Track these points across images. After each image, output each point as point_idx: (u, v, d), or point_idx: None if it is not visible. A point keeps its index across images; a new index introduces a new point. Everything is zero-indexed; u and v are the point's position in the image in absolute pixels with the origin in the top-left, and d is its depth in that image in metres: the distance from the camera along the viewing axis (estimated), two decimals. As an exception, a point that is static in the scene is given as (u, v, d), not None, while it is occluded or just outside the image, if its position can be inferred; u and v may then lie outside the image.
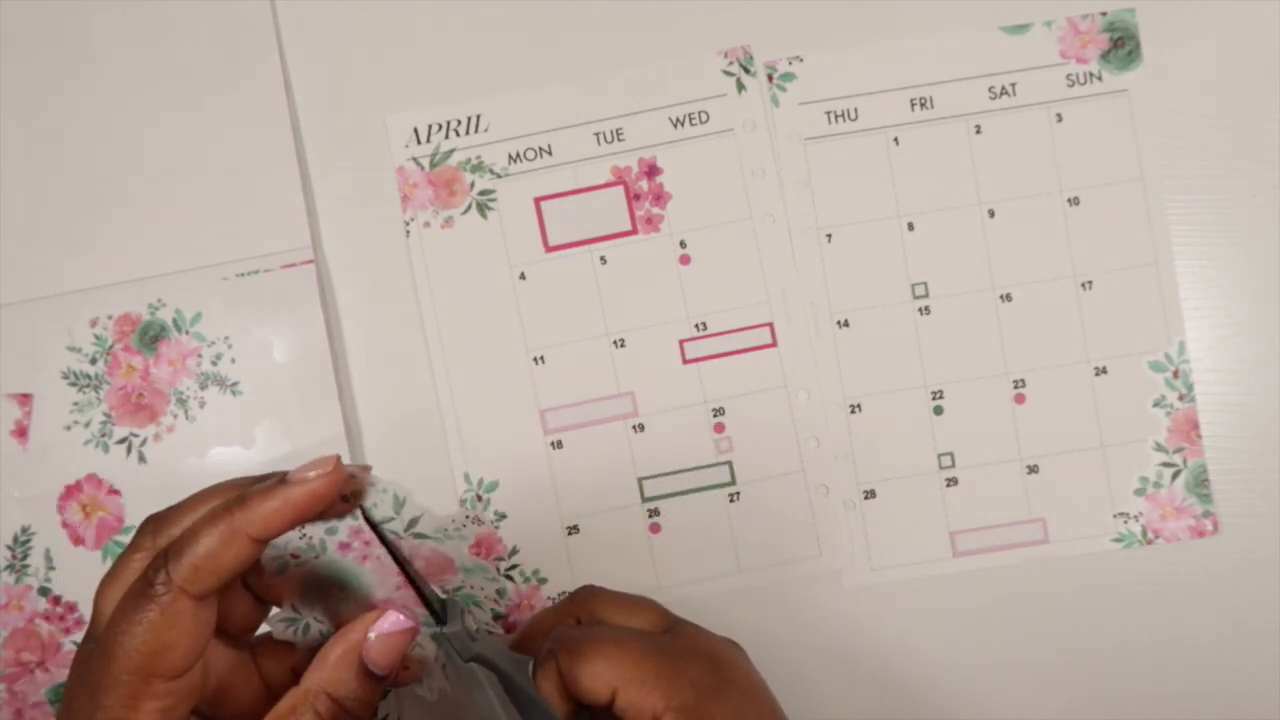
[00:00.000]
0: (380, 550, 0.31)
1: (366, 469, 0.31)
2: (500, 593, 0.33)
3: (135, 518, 0.44)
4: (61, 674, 0.44)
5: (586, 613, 0.36)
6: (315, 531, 0.30)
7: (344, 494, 0.30)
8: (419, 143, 0.45)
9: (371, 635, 0.30)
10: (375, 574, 0.32)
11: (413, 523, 0.31)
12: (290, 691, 0.30)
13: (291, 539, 0.30)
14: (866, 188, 0.45)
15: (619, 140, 0.45)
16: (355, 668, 0.30)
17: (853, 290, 0.45)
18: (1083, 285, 0.45)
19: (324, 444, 0.44)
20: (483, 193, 0.45)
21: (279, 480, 0.29)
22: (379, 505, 0.30)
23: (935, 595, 0.45)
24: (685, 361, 0.45)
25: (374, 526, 0.30)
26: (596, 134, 0.45)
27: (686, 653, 0.33)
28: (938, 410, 0.45)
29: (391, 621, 0.30)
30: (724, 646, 0.35)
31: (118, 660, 0.28)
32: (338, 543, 0.31)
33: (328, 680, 0.30)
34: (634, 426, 0.45)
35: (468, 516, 0.32)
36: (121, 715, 0.28)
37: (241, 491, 0.29)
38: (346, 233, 0.45)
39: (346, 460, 0.44)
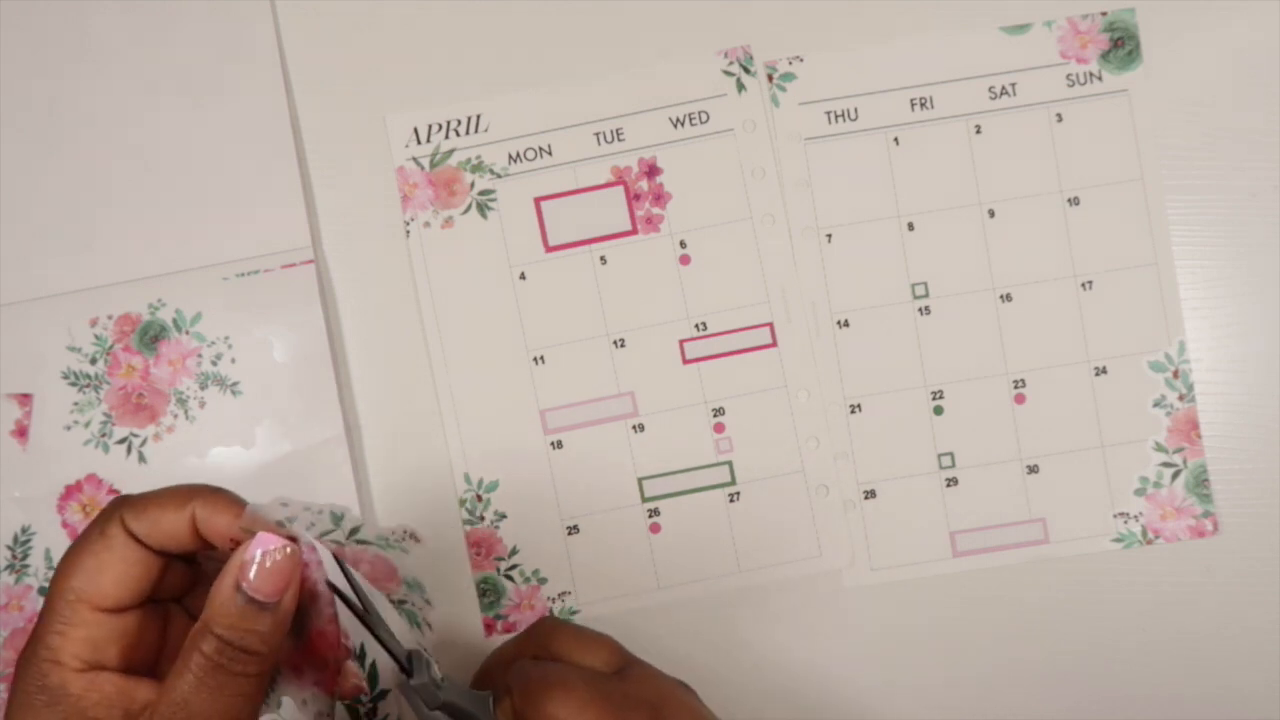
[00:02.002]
0: (344, 610, 0.31)
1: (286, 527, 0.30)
2: (429, 623, 0.33)
3: (135, 518, 0.44)
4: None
5: (542, 648, 0.36)
6: None
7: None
8: (419, 143, 0.45)
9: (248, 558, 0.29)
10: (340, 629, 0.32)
11: (354, 531, 0.31)
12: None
13: None
14: (866, 188, 0.45)
15: (619, 140, 0.45)
16: (234, 597, 0.29)
17: (853, 290, 0.45)
18: (1083, 285, 0.45)
19: (324, 444, 0.44)
20: (483, 193, 0.45)
21: (243, 502, 0.30)
22: (316, 524, 0.30)
23: (935, 595, 0.45)
24: (685, 361, 0.45)
25: (337, 591, 0.30)
26: (596, 134, 0.45)
27: (632, 700, 0.34)
28: (938, 410, 0.45)
29: (261, 542, 0.29)
30: (673, 691, 0.36)
31: (61, 580, 0.30)
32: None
33: (212, 615, 0.29)
34: (634, 426, 0.45)
35: (406, 531, 0.32)
36: (57, 631, 0.29)
37: (220, 491, 0.31)
38: (346, 233, 0.45)
39: (347, 461, 0.44)
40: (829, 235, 0.45)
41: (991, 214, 0.45)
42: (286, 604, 0.29)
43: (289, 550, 0.29)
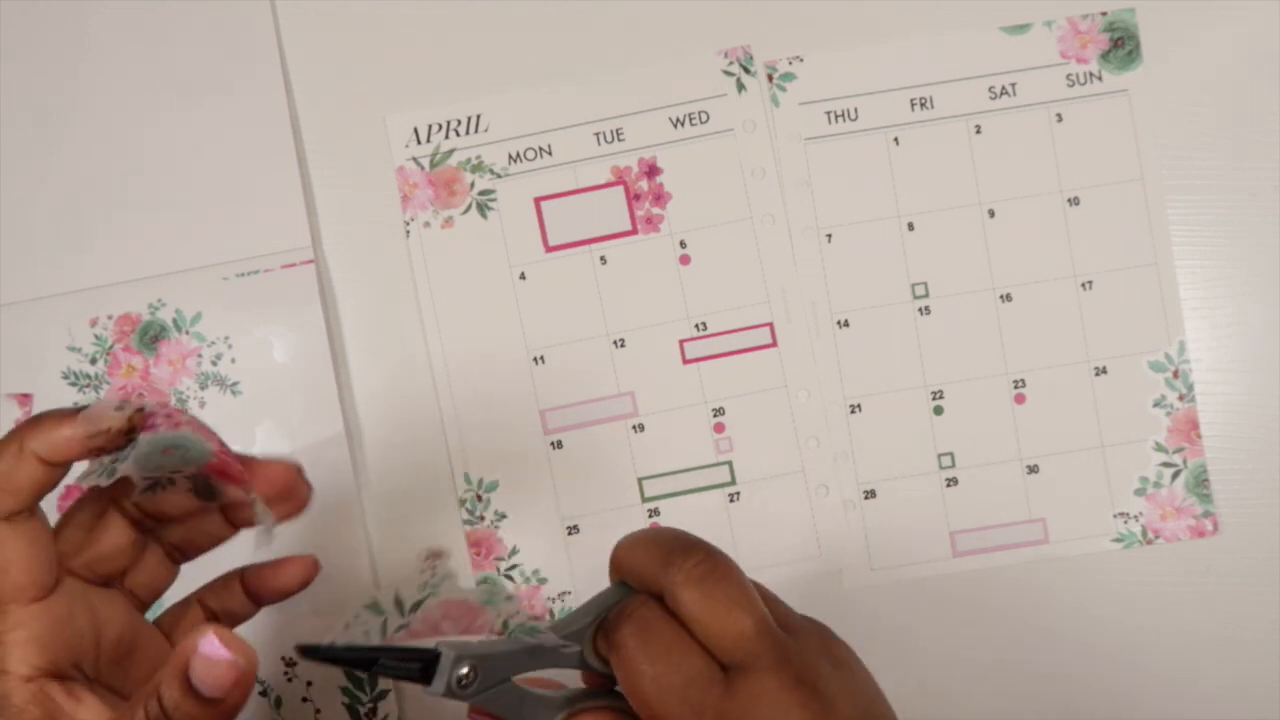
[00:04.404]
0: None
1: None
2: (534, 617, 0.31)
3: (135, 518, 0.44)
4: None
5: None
6: (169, 461, 0.30)
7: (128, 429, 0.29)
8: (419, 143, 0.45)
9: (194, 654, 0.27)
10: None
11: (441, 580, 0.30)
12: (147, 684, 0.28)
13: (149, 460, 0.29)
14: (866, 188, 0.45)
15: (619, 140, 0.45)
16: (180, 682, 0.27)
17: (853, 290, 0.45)
18: (1083, 285, 0.45)
19: (324, 444, 0.44)
20: (483, 193, 0.45)
21: (76, 409, 0.28)
22: (389, 614, 0.29)
23: (935, 595, 0.45)
24: (685, 361, 0.45)
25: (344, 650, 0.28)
26: (596, 134, 0.45)
27: (799, 628, 0.31)
28: (938, 410, 0.45)
29: (208, 646, 0.27)
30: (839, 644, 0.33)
31: None
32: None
33: (162, 682, 0.27)
34: (634, 426, 0.45)
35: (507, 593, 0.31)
36: None
37: (43, 414, 0.29)
38: (346, 233, 0.45)
39: (347, 461, 0.44)
40: (829, 235, 0.45)
41: (991, 214, 0.45)
42: (231, 702, 0.27)
43: (229, 660, 0.27)
